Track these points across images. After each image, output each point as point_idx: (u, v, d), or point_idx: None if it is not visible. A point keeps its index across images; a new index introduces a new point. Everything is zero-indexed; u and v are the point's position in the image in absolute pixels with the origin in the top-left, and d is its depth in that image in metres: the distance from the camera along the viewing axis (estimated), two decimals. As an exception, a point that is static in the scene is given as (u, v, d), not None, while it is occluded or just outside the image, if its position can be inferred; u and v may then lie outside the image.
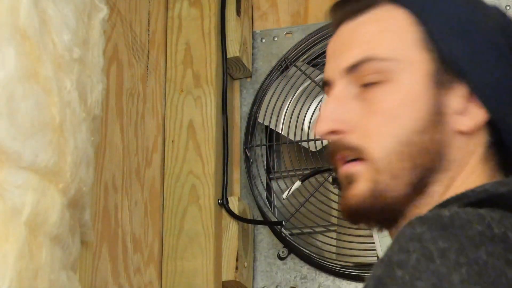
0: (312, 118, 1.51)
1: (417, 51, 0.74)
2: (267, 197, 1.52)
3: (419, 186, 0.73)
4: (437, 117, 0.73)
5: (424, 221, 0.61)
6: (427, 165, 0.72)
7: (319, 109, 1.39)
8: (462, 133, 0.73)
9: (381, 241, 1.31)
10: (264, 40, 1.65)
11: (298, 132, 1.51)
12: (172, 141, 1.53)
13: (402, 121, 0.73)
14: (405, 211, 0.73)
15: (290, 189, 1.41)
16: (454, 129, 0.73)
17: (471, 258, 0.58)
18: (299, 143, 1.50)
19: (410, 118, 0.72)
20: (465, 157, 0.74)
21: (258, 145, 1.55)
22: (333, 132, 0.75)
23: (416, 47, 0.74)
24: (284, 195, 1.42)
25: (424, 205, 0.72)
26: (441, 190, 0.73)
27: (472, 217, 0.61)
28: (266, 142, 1.56)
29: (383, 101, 0.73)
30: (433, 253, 0.59)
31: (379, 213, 0.74)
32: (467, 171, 0.74)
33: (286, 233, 1.48)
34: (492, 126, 0.75)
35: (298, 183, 1.42)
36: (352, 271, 1.43)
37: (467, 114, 0.74)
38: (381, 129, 0.73)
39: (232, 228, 1.49)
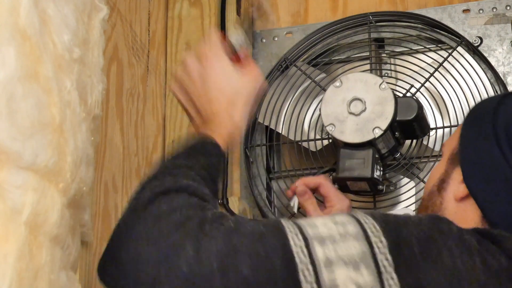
0: (312, 118, 1.51)
1: None
2: (267, 197, 1.52)
3: None
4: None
5: None
6: None
7: (319, 109, 1.39)
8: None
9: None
10: (264, 40, 1.65)
11: (298, 132, 1.51)
12: (172, 141, 1.52)
13: None
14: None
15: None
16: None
17: None
18: (299, 143, 1.50)
19: None
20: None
21: (258, 145, 1.55)
22: None
23: None
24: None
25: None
26: None
27: None
28: (266, 142, 1.56)
29: None
30: None
31: None
32: None
33: (286, 233, 1.47)
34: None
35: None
36: (352, 271, 1.42)
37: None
38: None
39: (232, 228, 1.49)
